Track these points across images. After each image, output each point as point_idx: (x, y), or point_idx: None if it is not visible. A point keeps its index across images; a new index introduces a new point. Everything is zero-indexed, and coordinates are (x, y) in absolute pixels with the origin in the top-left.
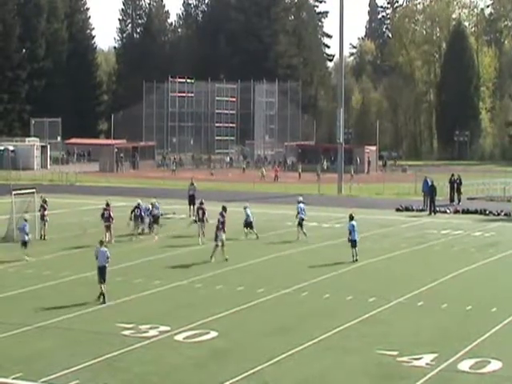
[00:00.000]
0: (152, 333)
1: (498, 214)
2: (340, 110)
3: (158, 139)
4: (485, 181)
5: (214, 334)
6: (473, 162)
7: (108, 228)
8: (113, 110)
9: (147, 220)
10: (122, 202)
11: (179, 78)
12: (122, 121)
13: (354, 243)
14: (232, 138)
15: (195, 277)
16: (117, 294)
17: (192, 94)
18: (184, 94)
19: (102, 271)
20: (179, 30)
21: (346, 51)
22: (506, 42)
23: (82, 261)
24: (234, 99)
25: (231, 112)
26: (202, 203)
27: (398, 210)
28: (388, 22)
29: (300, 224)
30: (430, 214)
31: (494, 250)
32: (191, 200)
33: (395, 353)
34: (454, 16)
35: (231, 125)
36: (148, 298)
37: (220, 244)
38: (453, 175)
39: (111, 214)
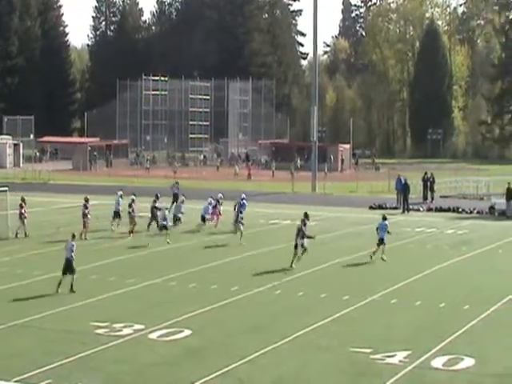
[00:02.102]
0: (126, 331)
1: (471, 212)
2: (314, 108)
3: (131, 137)
4: (457, 179)
5: (188, 332)
6: (446, 160)
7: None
8: (86, 107)
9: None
10: (95, 201)
11: (153, 75)
12: (96, 119)
13: (380, 241)
14: (206, 136)
15: (169, 275)
16: (91, 292)
17: (166, 92)
18: (158, 92)
19: (66, 263)
20: (153, 27)
21: (320, 49)
22: (478, 40)
23: (56, 259)
24: (207, 97)
25: (205, 110)
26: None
27: (371, 207)
28: (362, 20)
29: (238, 221)
30: (404, 211)
31: (467, 248)
32: (175, 198)
33: (369, 350)
34: (427, 15)
35: (205, 123)
36: (122, 297)
37: (301, 251)
38: (426, 173)
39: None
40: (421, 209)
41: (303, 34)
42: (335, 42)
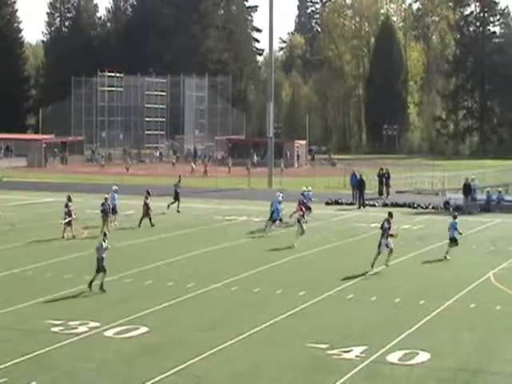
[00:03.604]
0: (82, 329)
1: (426, 207)
2: (270, 104)
3: (87, 134)
4: (413, 174)
5: (144, 329)
6: (401, 155)
7: (69, 223)
8: (41, 104)
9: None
10: (49, 198)
11: (108, 72)
12: (51, 115)
13: (452, 240)
14: (162, 132)
15: (125, 272)
16: (46, 290)
17: (121, 89)
18: (113, 89)
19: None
20: (108, 24)
21: (276, 46)
22: (433, 37)
23: (11, 257)
24: (163, 93)
25: (161, 106)
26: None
27: (327, 203)
28: (317, 16)
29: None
30: (359, 207)
31: (422, 243)
32: (176, 196)
33: (325, 346)
34: (382, 11)
35: (161, 119)
36: (78, 294)
37: (388, 251)
38: (381, 169)
39: (71, 210)
40: (376, 204)
41: (259, 30)
42: (291, 38)
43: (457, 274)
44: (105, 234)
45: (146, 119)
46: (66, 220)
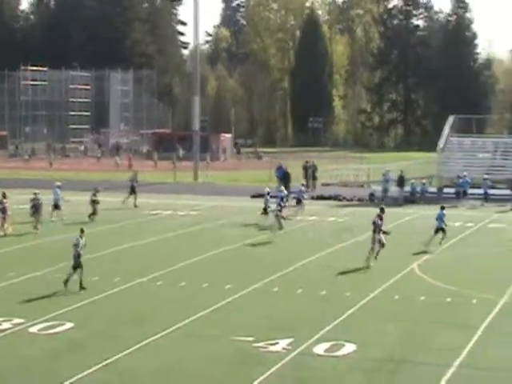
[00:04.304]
0: (5, 325)
1: (352, 200)
2: (195, 97)
3: (10, 128)
4: (338, 167)
5: (69, 325)
6: (326, 148)
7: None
8: None
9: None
10: None
11: (32, 65)
12: None
13: (438, 230)
14: (87, 126)
15: (50, 267)
16: None
17: (45, 83)
18: (37, 83)
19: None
20: (31, 16)
21: (201, 39)
22: (357, 30)
23: None
24: (88, 87)
25: (86, 100)
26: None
27: (253, 196)
28: (243, 9)
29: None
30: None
31: (348, 235)
32: (132, 190)
33: (251, 338)
34: (307, 4)
35: (86, 113)
36: (1, 291)
37: (378, 247)
38: (307, 162)
39: (5, 207)
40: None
41: (184, 24)
42: (216, 31)
43: (382, 266)
44: (82, 231)
45: (71, 113)
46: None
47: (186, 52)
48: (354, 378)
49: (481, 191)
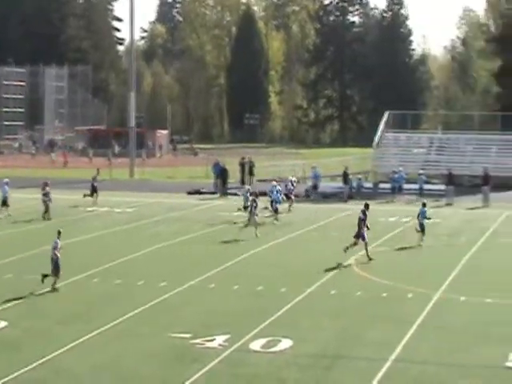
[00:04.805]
0: None
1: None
2: (131, 94)
3: None
4: (275, 163)
5: (3, 323)
6: (263, 144)
7: None
8: None
9: None
10: None
11: None
12: None
13: (421, 226)
14: (21, 123)
15: None
16: None
17: None
18: None
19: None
20: None
21: (137, 35)
22: (293, 26)
23: None
24: (22, 83)
25: (20, 97)
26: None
27: (189, 193)
28: (179, 5)
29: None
30: (222, 196)
31: (283, 231)
32: (94, 190)
33: (188, 335)
34: (243, 0)
35: (20, 109)
36: None
37: (364, 243)
38: (243, 158)
39: None
40: (238, 193)
41: (120, 20)
42: (152, 27)
43: (318, 261)
44: (59, 232)
45: (4, 109)
46: None
47: (121, 48)
48: (290, 373)
49: (416, 186)
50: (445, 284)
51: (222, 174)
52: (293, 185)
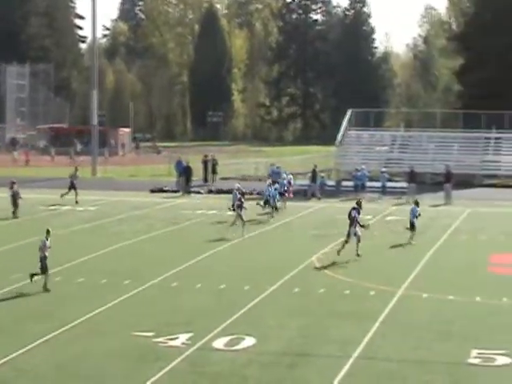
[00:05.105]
0: None
1: (251, 193)
2: (93, 92)
3: None
4: (238, 161)
5: None
6: (226, 142)
7: None
8: None
9: None
10: None
11: None
12: None
13: (411, 225)
14: None
15: None
16: None
17: None
18: None
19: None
20: None
21: (99, 33)
22: (256, 24)
23: None
24: None
25: None
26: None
27: (152, 191)
28: (141, 3)
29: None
30: (184, 194)
31: (251, 228)
32: (72, 186)
33: (151, 334)
34: None
35: None
36: None
37: (356, 240)
38: (206, 156)
39: None
40: (201, 191)
41: (82, 17)
42: (114, 25)
43: (281, 259)
44: (48, 232)
45: None
46: None
47: (83, 46)
48: (253, 371)
49: (379, 184)
50: (407, 281)
51: (185, 172)
52: (290, 183)
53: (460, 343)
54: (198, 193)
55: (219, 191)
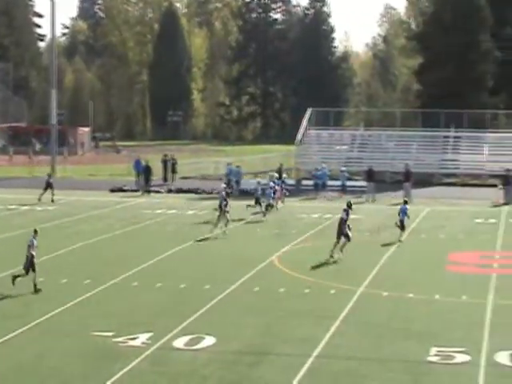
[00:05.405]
0: None
1: (211, 193)
2: (52, 91)
3: None
4: (198, 160)
5: None
6: (186, 141)
7: None
8: None
9: None
10: None
11: None
12: None
13: (402, 223)
14: None
15: None
16: None
17: None
18: None
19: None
20: None
21: (58, 31)
22: (216, 23)
23: None
24: None
25: None
26: None
27: (112, 190)
28: (100, 2)
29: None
30: (144, 193)
31: (208, 229)
32: (48, 186)
33: (111, 333)
34: None
35: None
36: None
37: (345, 240)
38: (166, 155)
39: None
40: (161, 190)
41: (40, 16)
42: (74, 23)
43: (241, 258)
44: (35, 231)
45: None
46: None
47: (42, 45)
48: (214, 371)
49: (338, 183)
50: (368, 280)
51: (145, 171)
52: (284, 182)
53: (419, 341)
54: (158, 192)
55: (179, 190)
